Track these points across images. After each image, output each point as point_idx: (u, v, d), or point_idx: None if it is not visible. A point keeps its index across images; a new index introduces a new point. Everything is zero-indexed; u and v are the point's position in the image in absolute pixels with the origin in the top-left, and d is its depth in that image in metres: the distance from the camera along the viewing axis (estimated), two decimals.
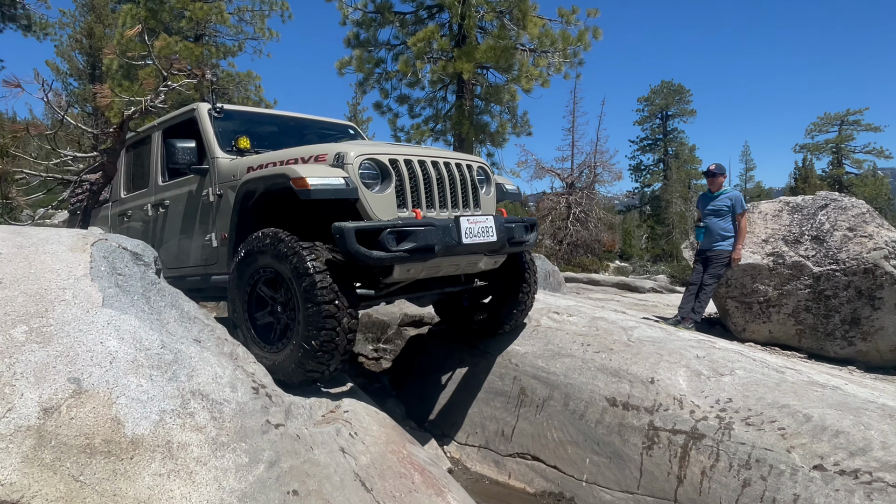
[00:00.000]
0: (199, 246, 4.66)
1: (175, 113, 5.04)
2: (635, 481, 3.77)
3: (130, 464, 2.44)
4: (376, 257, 3.46)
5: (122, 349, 2.85)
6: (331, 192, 3.47)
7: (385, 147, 3.96)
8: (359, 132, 5.85)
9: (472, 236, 3.88)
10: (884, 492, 2.96)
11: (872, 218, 6.34)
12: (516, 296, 4.81)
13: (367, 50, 12.89)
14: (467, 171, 4.16)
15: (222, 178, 4.41)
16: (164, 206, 4.99)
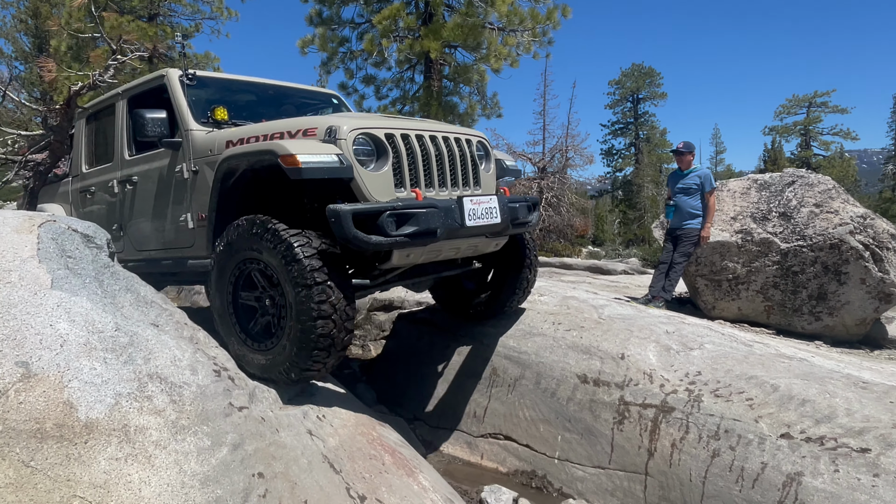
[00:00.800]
0: (172, 227, 4.37)
1: (141, 80, 4.71)
2: (607, 456, 3.84)
3: (85, 448, 2.39)
4: (375, 242, 3.26)
5: (74, 332, 2.77)
6: (324, 170, 3.25)
7: (379, 120, 3.75)
8: (342, 102, 5.58)
9: (476, 218, 3.70)
10: (848, 457, 3.07)
11: (838, 194, 6.53)
12: (518, 277, 4.69)
13: (331, 28, 12.70)
14: (467, 146, 3.97)
15: (197, 152, 4.13)
16: (131, 183, 4.66)
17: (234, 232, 3.56)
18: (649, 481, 3.60)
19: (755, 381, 3.69)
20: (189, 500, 2.48)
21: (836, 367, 4.02)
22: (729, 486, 3.26)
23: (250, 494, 2.69)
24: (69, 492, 2.25)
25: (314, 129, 3.54)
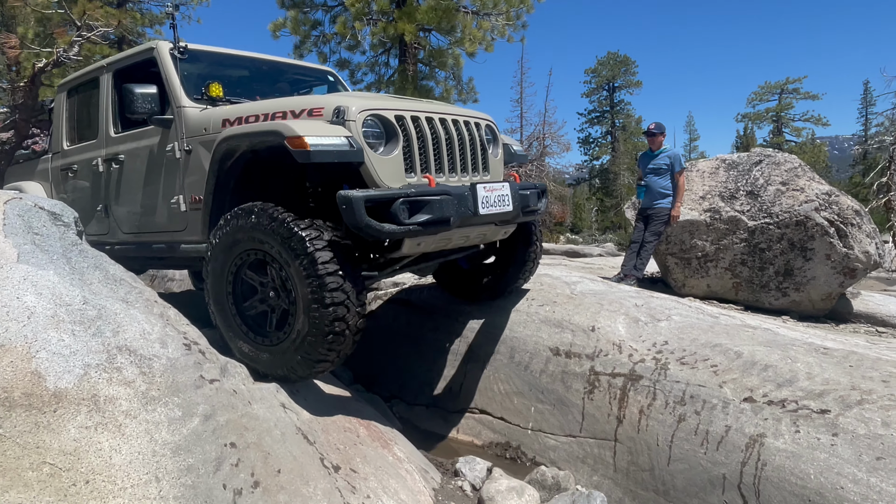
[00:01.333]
0: (163, 209, 4.15)
1: (128, 52, 4.49)
2: (578, 425, 3.93)
3: (54, 416, 2.39)
4: (388, 231, 3.13)
5: (41, 304, 2.76)
6: (334, 154, 3.07)
7: (387, 100, 3.59)
8: (339, 79, 5.38)
9: (489, 206, 3.59)
10: (808, 418, 3.18)
11: (804, 172, 6.68)
12: (523, 259, 4.62)
13: (303, 11, 12.58)
14: (476, 130, 3.83)
15: (191, 131, 3.91)
16: (118, 162, 4.41)
17: (233, 221, 3.38)
18: (618, 447, 3.70)
19: (720, 348, 3.80)
20: (161, 468, 2.50)
21: (800, 337, 4.15)
22: (694, 448, 3.37)
23: (222, 463, 2.72)
24: (38, 458, 2.26)
25: (320, 109, 3.36)
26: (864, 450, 2.88)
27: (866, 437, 2.93)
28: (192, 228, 3.97)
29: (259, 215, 3.25)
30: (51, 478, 2.24)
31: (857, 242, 6.29)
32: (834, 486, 2.82)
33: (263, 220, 3.22)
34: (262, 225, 3.22)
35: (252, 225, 3.27)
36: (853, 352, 3.71)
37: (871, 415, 3.04)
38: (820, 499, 2.83)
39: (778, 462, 3.05)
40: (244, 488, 2.70)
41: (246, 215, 3.31)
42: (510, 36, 12.49)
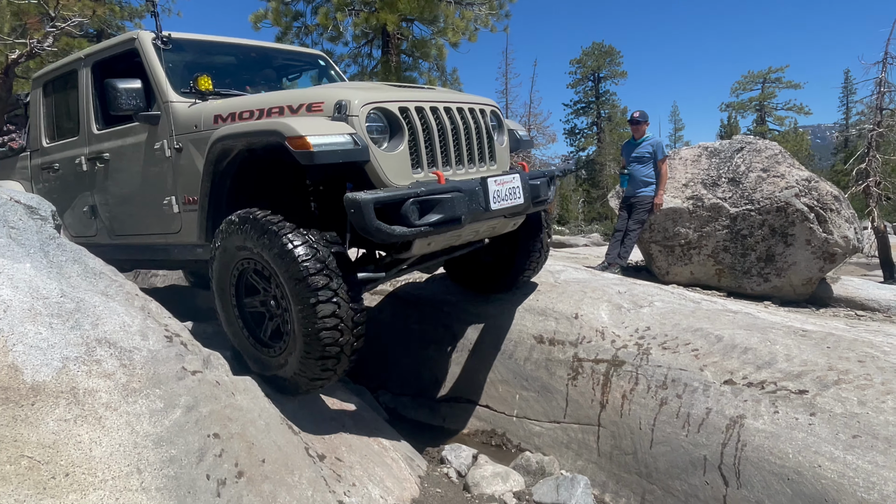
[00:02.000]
0: (155, 210, 3.95)
1: (107, 43, 4.21)
2: (562, 411, 3.96)
3: (32, 410, 2.37)
4: (399, 234, 2.98)
5: (17, 297, 2.73)
6: (338, 154, 2.90)
7: (389, 91, 3.39)
8: (330, 63, 5.15)
9: (500, 200, 3.44)
10: (787, 399, 3.23)
11: (784, 158, 6.75)
12: (531, 250, 4.47)
13: (284, 2, 12.47)
14: (481, 117, 3.66)
15: (180, 127, 3.71)
16: (102, 161, 4.20)
17: (227, 229, 3.27)
18: (602, 432, 3.74)
19: (700, 333, 3.85)
20: (143, 460, 2.49)
21: (779, 320, 4.21)
22: (676, 431, 3.41)
23: (206, 454, 2.71)
24: (16, 452, 2.24)
25: (320, 104, 3.16)
26: (840, 428, 2.93)
27: (843, 416, 2.99)
28: (187, 230, 3.79)
29: (249, 223, 3.12)
30: (29, 471, 2.22)
31: (837, 228, 6.38)
32: (812, 464, 2.87)
33: (253, 228, 3.10)
34: (252, 233, 3.10)
35: (244, 233, 3.15)
36: (831, 334, 3.77)
37: (847, 394, 3.09)
38: (798, 477, 2.87)
39: (757, 442, 3.09)
40: (228, 478, 2.70)
41: (237, 223, 3.19)
42: (493, 26, 12.49)
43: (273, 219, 3.05)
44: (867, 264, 13.32)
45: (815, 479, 2.83)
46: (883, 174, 12.08)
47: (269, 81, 4.66)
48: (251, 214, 3.14)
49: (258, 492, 2.75)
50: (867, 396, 3.04)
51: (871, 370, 3.25)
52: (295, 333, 3.13)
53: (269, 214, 3.08)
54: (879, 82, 11.99)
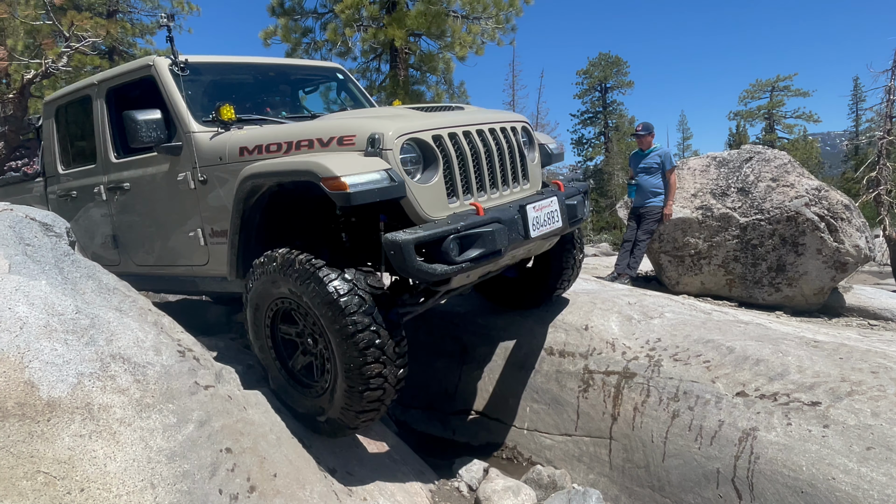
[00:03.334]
0: (181, 242, 3.86)
1: (122, 69, 4.04)
2: (573, 423, 3.95)
3: (47, 426, 2.40)
4: (441, 273, 2.85)
5: (33, 314, 2.77)
6: (375, 192, 2.76)
7: (419, 119, 3.20)
8: (348, 76, 5.01)
9: (540, 226, 3.34)
10: (800, 410, 3.21)
11: (794, 168, 6.73)
12: (563, 267, 4.34)
13: (293, 18, 12.62)
14: (513, 135, 3.53)
15: (204, 159, 3.55)
16: (123, 191, 4.07)
17: (261, 269, 3.15)
18: (614, 445, 3.72)
19: (712, 344, 3.83)
20: (156, 475, 2.51)
21: (791, 331, 4.19)
22: (689, 444, 3.38)
23: (218, 468, 2.73)
24: (33, 467, 2.26)
25: (351, 137, 3.02)
26: (854, 440, 2.91)
27: (856, 427, 2.96)
28: (215, 262, 3.69)
29: (285, 263, 3.01)
30: (45, 486, 2.24)
31: (848, 237, 6.34)
32: (826, 476, 2.84)
33: (289, 268, 2.99)
34: (287, 274, 2.99)
35: (279, 273, 3.04)
36: (843, 344, 3.75)
37: (860, 406, 3.06)
38: (812, 490, 2.85)
39: (770, 455, 3.07)
40: (240, 493, 2.71)
41: (272, 263, 3.09)
42: (500, 39, 12.58)
43: (313, 262, 2.93)
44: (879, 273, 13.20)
45: (829, 491, 2.80)
46: (894, 182, 12.01)
47: (288, 97, 4.59)
48: (288, 256, 3.01)
49: None
50: (881, 408, 3.02)
51: (884, 381, 3.22)
52: (337, 371, 3.03)
53: (307, 256, 2.96)
54: (889, 90, 11.96)
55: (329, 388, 3.16)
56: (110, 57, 16.83)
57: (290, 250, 3.01)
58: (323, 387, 3.21)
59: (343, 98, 4.98)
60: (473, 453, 4.19)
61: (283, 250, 3.03)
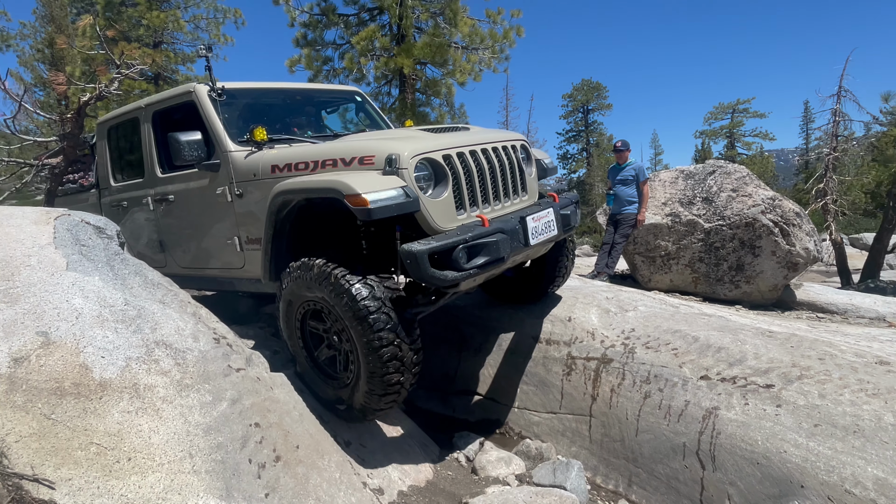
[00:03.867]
0: (220, 248, 3.87)
1: (166, 95, 4.06)
2: (558, 403, 3.94)
3: (99, 403, 2.40)
4: (451, 279, 2.84)
5: (87, 306, 2.77)
6: (393, 207, 2.77)
7: (430, 139, 3.21)
8: (365, 98, 4.97)
9: (538, 235, 3.35)
10: (756, 392, 3.20)
11: (752, 180, 6.72)
12: (558, 265, 4.31)
13: (315, 49, 12.63)
14: (513, 153, 3.53)
15: (240, 175, 3.57)
16: (168, 202, 4.09)
17: (298, 273, 3.14)
18: (593, 421, 3.71)
19: (679, 334, 3.82)
20: (194, 446, 2.51)
21: (749, 323, 4.17)
22: (658, 421, 3.38)
23: (248, 441, 2.73)
24: (87, 439, 2.27)
25: (371, 157, 3.01)
26: (803, 418, 2.90)
27: (805, 407, 2.95)
28: (250, 266, 3.68)
29: (313, 271, 3.03)
30: (97, 456, 2.24)
31: (798, 240, 6.33)
32: (778, 450, 2.83)
33: (316, 276, 3.01)
34: (315, 280, 3.01)
35: (307, 279, 3.06)
36: (794, 334, 3.73)
37: (809, 388, 3.05)
38: (766, 461, 2.84)
39: (730, 431, 3.06)
40: (267, 462, 2.71)
41: (301, 271, 3.10)
42: (495, 67, 12.58)
43: (348, 278, 2.93)
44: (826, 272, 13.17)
45: (782, 463, 2.79)
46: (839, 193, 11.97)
47: (311, 117, 4.55)
48: (325, 269, 3.01)
49: (293, 474, 2.75)
50: (827, 390, 3.01)
51: (830, 366, 3.21)
52: (360, 373, 3.06)
53: (342, 271, 2.96)
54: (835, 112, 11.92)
55: (351, 384, 3.18)
56: (156, 82, 16.82)
57: (327, 262, 2.99)
58: (345, 382, 3.23)
59: (361, 118, 4.94)
60: (471, 429, 4.18)
61: (321, 262, 3.01)
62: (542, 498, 3.02)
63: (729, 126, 43.76)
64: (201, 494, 2.33)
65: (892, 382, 2.99)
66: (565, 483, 3.33)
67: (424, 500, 3.22)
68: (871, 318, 6.24)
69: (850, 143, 12.65)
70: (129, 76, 4.63)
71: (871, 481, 2.55)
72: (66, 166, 4.54)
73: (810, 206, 11.74)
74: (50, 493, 2.04)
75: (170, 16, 16.87)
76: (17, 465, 2.08)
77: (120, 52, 4.81)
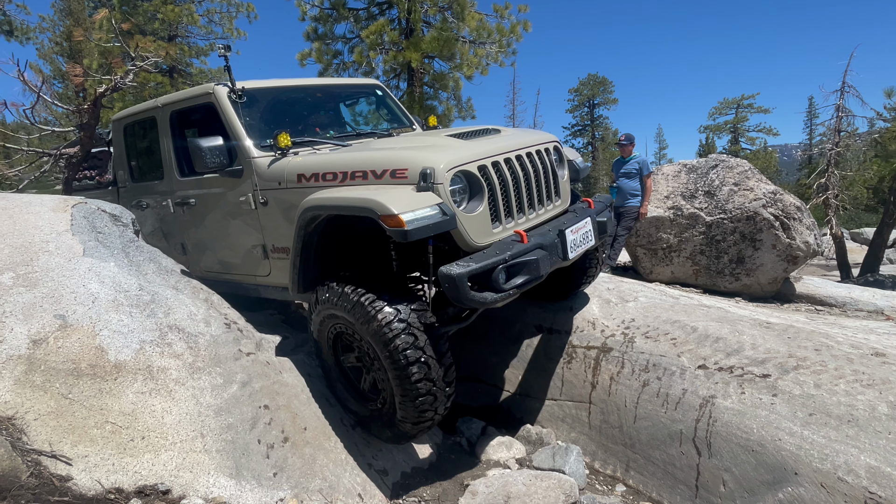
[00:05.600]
0: (244, 255, 3.68)
1: (185, 94, 3.81)
2: (558, 390, 3.95)
3: (115, 384, 2.44)
4: (490, 301, 2.67)
5: (104, 291, 2.81)
6: (430, 228, 2.56)
7: (465, 149, 2.95)
8: (387, 92, 4.69)
9: (576, 248, 3.15)
10: (752, 381, 3.19)
11: (753, 174, 6.65)
12: (588, 266, 4.09)
13: (326, 43, 12.60)
14: (547, 156, 3.32)
15: (264, 183, 3.32)
16: (189, 206, 3.88)
17: (328, 294, 2.97)
18: (592, 408, 3.72)
19: (678, 324, 3.81)
20: (205, 426, 2.55)
21: (748, 314, 4.16)
22: (656, 408, 3.38)
23: (258, 422, 2.77)
24: (102, 418, 2.31)
25: (404, 171, 2.77)
26: (798, 407, 2.90)
27: (801, 396, 2.95)
28: (277, 274, 3.48)
29: (340, 294, 2.87)
30: (113, 434, 2.29)
31: (799, 234, 6.27)
32: (773, 438, 2.83)
33: (343, 298, 2.85)
34: (341, 303, 2.85)
35: (334, 300, 2.90)
36: (792, 325, 3.72)
37: (805, 378, 3.05)
38: (761, 449, 2.84)
39: (726, 419, 3.06)
40: (276, 443, 2.75)
41: (328, 293, 2.94)
42: (502, 61, 12.49)
43: (375, 305, 2.75)
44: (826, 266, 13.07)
45: (776, 450, 2.79)
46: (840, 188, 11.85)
47: (333, 114, 4.31)
48: (342, 286, 2.87)
49: (301, 454, 2.79)
50: (822, 380, 3.00)
51: (825, 357, 3.20)
52: (391, 397, 2.91)
53: (369, 298, 2.78)
54: (838, 108, 11.78)
55: (384, 407, 3.05)
56: (170, 75, 16.86)
57: (356, 289, 2.83)
58: (379, 405, 3.09)
59: (382, 112, 4.67)
60: (473, 414, 4.21)
61: (350, 289, 2.84)
62: (542, 481, 3.04)
63: (733, 121, 43.29)
64: (212, 472, 2.37)
65: (887, 373, 2.98)
66: (564, 467, 3.35)
67: (427, 482, 3.25)
68: (870, 311, 6.19)
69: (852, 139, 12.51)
70: (144, 69, 4.63)
71: (864, 469, 2.55)
72: (82, 157, 4.57)
73: (812, 200, 11.64)
74: (67, 469, 2.08)
75: (184, 10, 16.88)
76: (36, 442, 2.12)
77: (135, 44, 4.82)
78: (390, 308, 2.71)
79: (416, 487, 3.17)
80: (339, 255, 3.28)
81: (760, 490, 2.79)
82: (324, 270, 3.14)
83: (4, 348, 2.35)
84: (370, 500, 2.87)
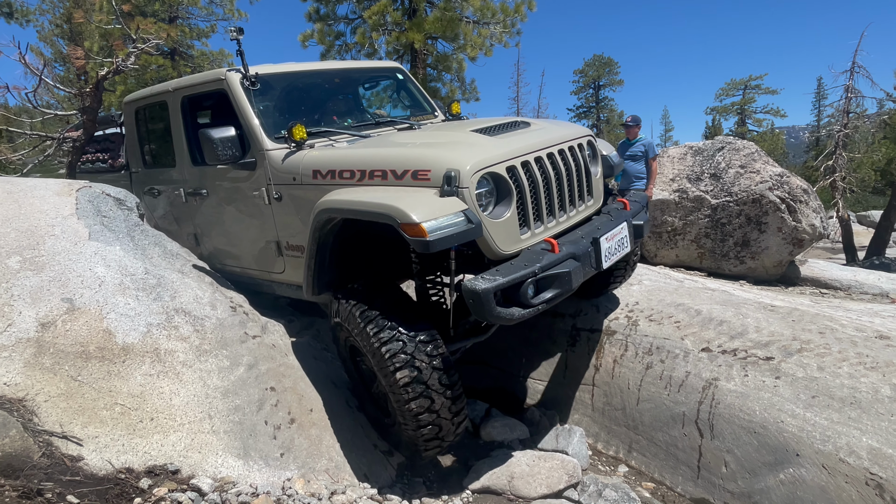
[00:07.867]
0: (258, 250, 3.53)
1: (197, 80, 3.61)
2: (562, 372, 3.98)
3: (123, 366, 2.47)
4: (518, 317, 2.47)
5: (110, 274, 2.83)
6: (454, 237, 2.36)
7: (491, 147, 2.72)
8: (407, 76, 4.40)
9: (611, 256, 2.92)
10: (756, 364, 3.20)
11: (760, 157, 6.60)
12: (620, 268, 3.85)
13: (328, 24, 12.44)
14: (580, 152, 3.07)
15: (278, 177, 3.14)
16: (200, 195, 3.74)
17: (332, 306, 2.89)
18: (596, 391, 3.75)
19: (682, 307, 3.82)
20: (213, 408, 2.58)
21: (752, 297, 4.15)
22: (659, 391, 3.40)
23: (264, 404, 2.80)
24: (111, 400, 2.34)
25: (426, 172, 2.55)
26: (801, 390, 2.91)
27: (804, 379, 2.96)
28: (291, 272, 3.34)
29: (347, 315, 2.75)
30: (121, 415, 2.32)
31: (805, 217, 6.24)
32: (776, 420, 2.85)
33: (350, 320, 2.74)
34: (349, 324, 2.75)
35: (343, 320, 2.80)
36: (796, 308, 3.72)
37: (808, 361, 3.06)
38: (764, 430, 2.86)
39: (729, 401, 3.08)
40: (282, 424, 2.79)
41: (338, 311, 2.83)
42: (507, 42, 12.33)
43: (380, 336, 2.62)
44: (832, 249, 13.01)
45: (778, 432, 2.81)
46: (848, 170, 11.74)
47: (351, 100, 4.11)
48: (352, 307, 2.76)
49: (307, 435, 2.83)
50: (825, 363, 3.01)
51: (829, 340, 3.20)
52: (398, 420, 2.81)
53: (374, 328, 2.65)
54: (847, 89, 11.61)
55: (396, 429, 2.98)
56: (172, 57, 16.72)
57: (363, 311, 2.71)
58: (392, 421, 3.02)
59: (402, 97, 4.41)
60: (478, 396, 4.24)
61: (357, 310, 2.72)
62: (545, 462, 3.08)
63: (740, 102, 42.73)
64: (220, 453, 2.41)
65: (890, 356, 2.98)
66: (567, 448, 3.39)
67: (432, 463, 3.29)
68: (875, 294, 6.18)
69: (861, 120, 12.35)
70: (145, 51, 4.59)
71: (866, 451, 2.57)
72: (86, 140, 4.56)
73: (819, 183, 11.54)
74: (78, 450, 2.12)
75: None
76: (47, 423, 2.15)
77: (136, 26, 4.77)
78: (395, 341, 2.57)
79: (421, 468, 3.22)
80: (356, 255, 3.15)
81: (762, 471, 2.82)
82: (340, 272, 3.01)
83: (14, 331, 2.38)
84: (376, 481, 2.92)
